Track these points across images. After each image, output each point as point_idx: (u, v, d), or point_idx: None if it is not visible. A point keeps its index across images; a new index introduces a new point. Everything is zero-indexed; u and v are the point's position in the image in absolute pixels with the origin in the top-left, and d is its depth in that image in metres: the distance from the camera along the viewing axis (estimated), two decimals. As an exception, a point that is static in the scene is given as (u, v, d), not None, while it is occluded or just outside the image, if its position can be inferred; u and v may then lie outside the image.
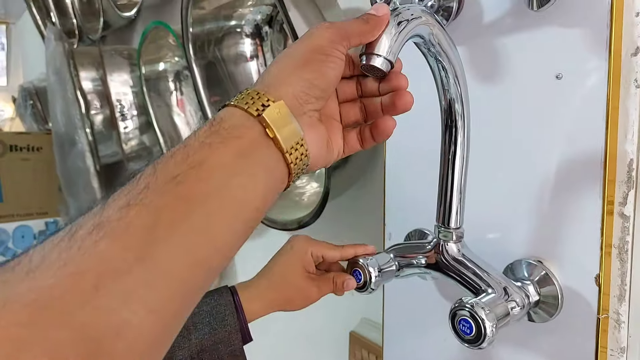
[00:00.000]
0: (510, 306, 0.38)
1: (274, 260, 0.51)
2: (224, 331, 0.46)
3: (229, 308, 0.47)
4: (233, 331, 0.47)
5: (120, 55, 1.21)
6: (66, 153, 1.51)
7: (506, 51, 0.46)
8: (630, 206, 0.39)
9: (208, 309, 0.47)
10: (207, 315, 0.47)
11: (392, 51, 0.29)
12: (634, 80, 0.39)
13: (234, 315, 0.47)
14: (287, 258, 0.50)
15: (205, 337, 0.46)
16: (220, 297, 0.48)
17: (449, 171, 0.39)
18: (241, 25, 0.81)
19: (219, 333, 0.46)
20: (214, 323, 0.46)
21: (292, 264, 0.49)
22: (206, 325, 0.46)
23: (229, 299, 0.48)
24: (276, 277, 0.49)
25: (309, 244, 0.50)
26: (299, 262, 0.49)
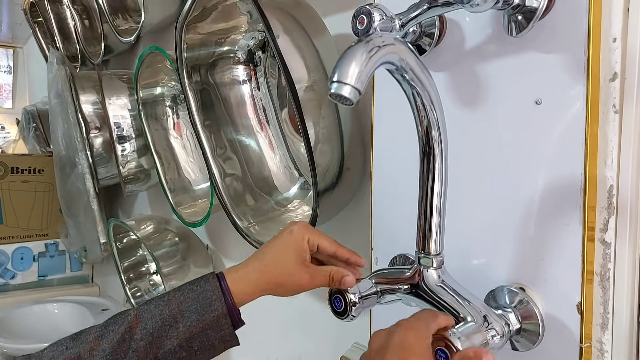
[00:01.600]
0: (489, 335, 0.37)
1: (269, 243, 0.50)
2: (212, 316, 0.45)
3: (215, 293, 0.46)
4: (221, 316, 0.45)
5: (119, 79, 1.23)
6: (67, 175, 1.52)
7: (487, 76, 0.47)
8: (612, 232, 0.39)
9: (194, 295, 0.46)
10: (193, 302, 0.46)
11: (360, 79, 0.29)
12: (612, 106, 0.39)
13: (221, 299, 0.45)
14: (283, 242, 0.48)
15: (193, 324, 0.45)
16: (207, 283, 0.47)
17: (427, 198, 0.38)
18: (234, 50, 0.82)
19: (206, 319, 0.45)
20: (201, 309, 0.45)
21: (286, 247, 0.48)
22: (193, 312, 0.45)
23: (216, 284, 0.46)
24: (268, 259, 0.48)
25: (308, 231, 0.49)
26: (293, 246, 0.48)
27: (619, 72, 0.38)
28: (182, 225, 1.07)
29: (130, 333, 0.45)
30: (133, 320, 0.45)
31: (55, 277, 1.96)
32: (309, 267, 0.48)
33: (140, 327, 0.45)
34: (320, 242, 0.48)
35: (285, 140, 0.84)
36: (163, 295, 0.47)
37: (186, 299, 0.46)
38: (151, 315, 0.45)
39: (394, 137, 0.56)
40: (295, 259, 0.47)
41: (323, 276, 0.47)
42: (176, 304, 0.46)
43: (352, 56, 0.30)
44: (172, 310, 0.45)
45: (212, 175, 0.82)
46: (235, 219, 0.80)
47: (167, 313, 0.45)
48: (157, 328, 0.45)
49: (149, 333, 0.44)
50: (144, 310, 0.46)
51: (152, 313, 0.46)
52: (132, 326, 0.45)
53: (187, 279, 1.05)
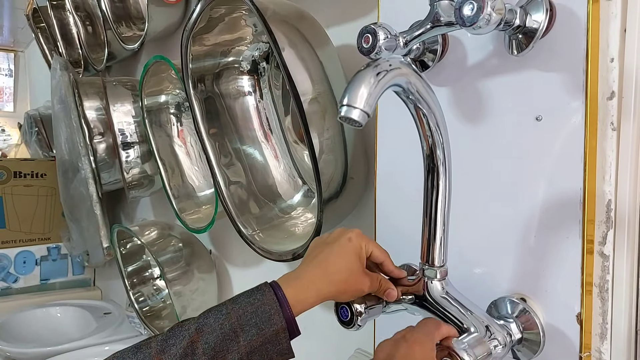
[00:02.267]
0: (492, 345, 0.39)
1: (328, 251, 0.49)
2: (271, 330, 0.45)
3: (273, 306, 0.46)
4: (280, 330, 0.45)
5: (123, 86, 1.25)
6: (69, 180, 1.53)
7: (489, 92, 0.48)
8: (610, 245, 0.40)
9: (253, 309, 0.46)
10: (252, 316, 0.45)
11: (369, 103, 0.31)
12: (610, 123, 0.41)
13: (279, 313, 0.46)
14: (345, 249, 0.48)
15: (254, 338, 0.45)
16: (263, 296, 0.46)
17: (432, 213, 0.40)
18: (239, 61, 0.83)
19: (266, 333, 0.45)
20: (260, 323, 0.45)
21: (350, 255, 0.48)
22: (253, 327, 0.45)
23: (272, 297, 0.46)
24: (333, 267, 0.48)
25: (364, 238, 0.49)
26: (356, 254, 0.48)
27: (616, 90, 0.40)
28: (185, 231, 1.08)
29: (193, 348, 0.44)
30: (194, 334, 0.45)
31: (57, 280, 1.97)
32: (369, 273, 0.48)
33: (202, 341, 0.45)
34: (374, 250, 0.49)
35: (289, 149, 0.86)
36: (220, 308, 0.47)
37: (245, 312, 0.46)
38: (212, 329, 0.45)
39: (398, 149, 0.58)
40: (359, 266, 0.48)
41: (375, 282, 0.48)
42: (236, 318, 0.46)
43: (361, 80, 0.31)
44: (233, 324, 0.45)
45: (216, 183, 0.83)
46: (239, 227, 0.81)
47: (227, 327, 0.45)
48: (219, 342, 0.45)
49: (211, 347, 0.44)
50: (203, 323, 0.46)
51: (212, 327, 0.45)
52: (194, 340, 0.45)
53: (191, 284, 1.06)
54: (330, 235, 0.51)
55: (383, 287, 0.48)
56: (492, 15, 0.37)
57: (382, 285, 0.48)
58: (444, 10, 0.40)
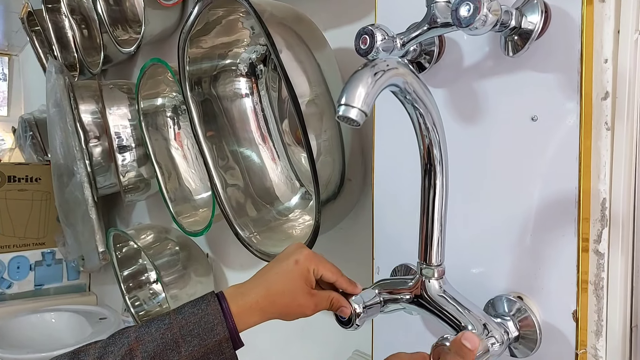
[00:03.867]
0: (490, 342, 0.39)
1: (274, 270, 0.50)
2: (214, 341, 0.45)
3: (217, 317, 0.46)
4: (223, 340, 0.45)
5: (119, 89, 1.24)
6: (65, 184, 1.53)
7: (485, 93, 0.49)
8: (605, 243, 0.41)
9: (196, 319, 0.46)
10: (195, 326, 0.45)
11: (366, 102, 0.31)
12: (604, 123, 0.41)
13: (223, 324, 0.46)
14: (290, 272, 0.49)
15: (195, 348, 0.45)
16: (208, 306, 0.46)
17: (429, 212, 0.40)
18: (236, 63, 0.84)
19: (208, 343, 0.45)
20: (203, 334, 0.45)
21: (294, 279, 0.48)
22: (195, 337, 0.45)
23: (217, 308, 0.46)
24: (276, 288, 0.48)
25: (313, 261, 0.49)
26: (302, 278, 0.48)
27: (610, 91, 0.40)
28: (182, 234, 1.08)
29: (131, 355, 0.44)
30: (134, 342, 0.45)
31: (52, 286, 1.95)
32: (314, 295, 0.49)
33: (141, 349, 0.44)
34: (324, 272, 0.49)
35: (286, 151, 0.86)
36: (163, 317, 0.47)
37: (188, 322, 0.46)
38: (152, 338, 0.45)
39: (395, 149, 0.58)
40: (303, 289, 0.48)
41: (326, 301, 0.49)
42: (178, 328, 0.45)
43: (358, 80, 0.32)
44: (174, 334, 0.45)
45: (214, 186, 0.83)
46: (237, 229, 0.81)
47: (168, 336, 0.45)
48: (159, 351, 0.44)
49: (150, 356, 0.44)
50: (144, 332, 0.45)
51: (153, 336, 0.45)
52: (133, 348, 0.44)
53: (188, 287, 1.06)
54: (282, 252, 0.51)
55: (335, 305, 0.49)
56: (488, 16, 0.38)
57: (334, 304, 0.49)
58: (441, 11, 0.40)
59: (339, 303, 0.48)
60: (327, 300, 0.49)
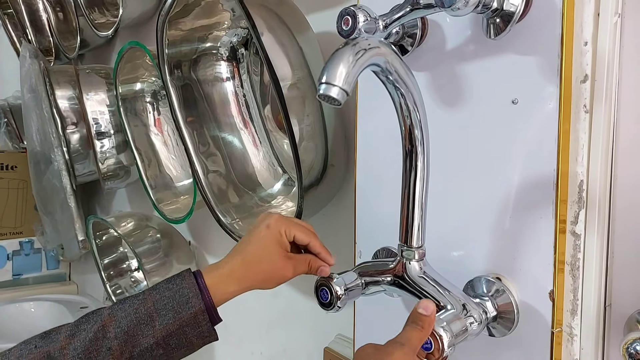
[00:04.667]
0: (468, 322, 0.39)
1: (248, 239, 0.50)
2: (189, 313, 0.45)
3: (192, 290, 0.46)
4: (199, 312, 0.45)
5: (97, 74, 1.21)
6: (42, 172, 1.49)
7: (467, 76, 0.49)
8: (581, 225, 0.42)
9: (170, 294, 0.45)
10: (170, 300, 0.45)
11: (347, 81, 0.31)
12: (583, 106, 0.42)
13: (198, 296, 0.45)
14: (264, 237, 0.48)
15: (170, 321, 0.44)
16: (183, 281, 0.46)
17: (410, 194, 0.40)
18: (217, 47, 0.82)
19: (183, 316, 0.45)
20: (178, 307, 0.45)
21: (269, 243, 0.48)
22: (170, 310, 0.45)
23: (192, 281, 0.46)
24: (251, 256, 0.48)
25: (284, 223, 0.49)
26: (275, 241, 0.48)
27: (589, 74, 0.41)
28: (163, 222, 1.07)
29: (104, 331, 0.44)
30: (106, 319, 0.44)
31: (30, 275, 1.92)
32: (291, 257, 0.49)
33: (114, 325, 0.44)
34: (296, 233, 0.49)
35: (269, 137, 0.85)
36: (138, 295, 0.47)
37: (162, 297, 0.45)
38: (126, 313, 0.45)
39: (377, 134, 0.58)
40: (279, 253, 0.48)
41: (303, 264, 0.49)
42: (152, 303, 0.45)
43: (339, 58, 0.31)
44: (148, 309, 0.45)
45: (195, 172, 0.82)
46: (219, 215, 0.80)
47: (142, 311, 0.45)
48: (132, 326, 0.44)
49: (123, 331, 0.44)
50: (117, 309, 0.45)
51: (126, 312, 0.45)
52: (106, 324, 0.44)
53: (170, 275, 1.05)
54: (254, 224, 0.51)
55: (313, 267, 0.48)
56: (469, -3, 0.37)
57: (312, 266, 0.48)
58: (423, -8, 0.40)
59: (317, 263, 0.48)
60: (305, 262, 0.48)
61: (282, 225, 0.49)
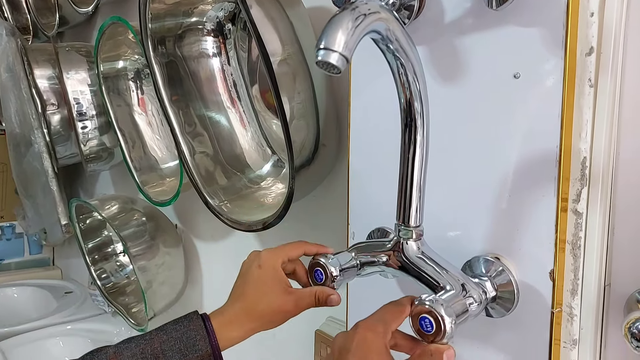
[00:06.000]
0: (468, 302, 0.38)
1: (244, 282, 0.49)
2: (196, 356, 0.45)
3: (199, 333, 0.46)
4: (205, 356, 0.45)
5: (77, 52, 1.17)
6: (22, 154, 1.45)
7: (466, 50, 0.47)
8: (584, 203, 0.41)
9: (178, 335, 0.45)
10: (177, 342, 0.45)
11: (348, 47, 0.29)
12: (587, 80, 0.40)
13: (205, 340, 0.45)
14: (257, 279, 0.48)
15: None
16: (190, 323, 0.46)
17: (408, 170, 0.39)
18: (202, 22, 0.79)
19: (190, 359, 0.45)
20: (185, 349, 0.45)
21: (264, 283, 0.47)
22: (176, 352, 0.45)
23: (200, 324, 0.46)
24: (249, 301, 0.47)
25: (273, 257, 0.48)
26: (271, 280, 0.47)
27: (595, 46, 0.39)
28: (149, 205, 1.04)
29: None
30: (112, 357, 0.44)
31: (13, 260, 1.88)
32: (293, 292, 0.47)
33: None
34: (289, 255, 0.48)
35: (257, 117, 0.83)
36: (144, 334, 0.47)
37: (169, 338, 0.45)
38: (132, 353, 0.44)
39: (372, 112, 0.56)
40: (277, 291, 0.47)
41: (309, 298, 0.47)
42: (159, 343, 0.45)
43: (339, 23, 0.29)
44: (154, 349, 0.44)
45: (181, 153, 0.80)
46: (206, 197, 0.78)
47: (148, 352, 0.44)
48: None
49: None
50: (123, 347, 0.45)
51: (132, 351, 0.45)
52: None
53: (157, 258, 1.02)
54: (242, 268, 0.50)
55: (322, 298, 0.46)
56: (473, -38, 0.35)
57: (320, 297, 0.46)
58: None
59: (325, 293, 0.46)
60: (310, 295, 0.47)
61: (274, 259, 0.48)
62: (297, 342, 0.83)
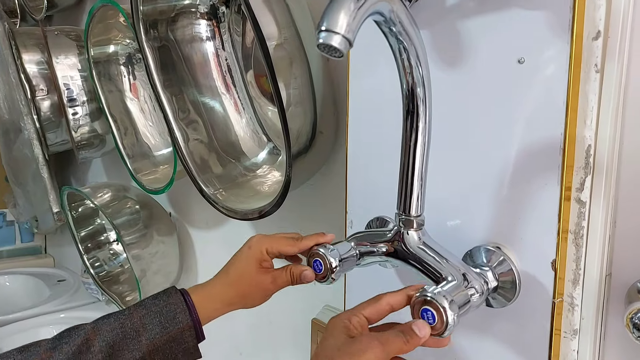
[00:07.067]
0: (469, 293, 0.38)
1: (231, 261, 0.51)
2: (176, 329, 0.46)
3: (179, 306, 0.47)
4: (186, 328, 0.46)
5: (66, 36, 1.14)
6: (11, 141, 1.42)
7: (469, 35, 0.45)
8: (587, 192, 0.40)
9: (157, 309, 0.46)
10: (157, 315, 0.46)
11: (350, 29, 0.27)
12: (594, 65, 0.39)
13: (185, 312, 0.46)
14: (244, 257, 0.49)
15: (157, 336, 0.45)
16: (170, 297, 0.47)
17: (410, 158, 0.38)
18: (195, 4, 0.76)
19: (170, 331, 0.45)
20: (165, 322, 0.46)
21: (247, 261, 0.49)
22: (157, 325, 0.45)
23: (179, 298, 0.47)
24: (232, 275, 0.49)
25: (265, 241, 0.49)
26: (253, 258, 0.49)
27: (602, 30, 0.38)
28: (142, 193, 1.03)
29: (87, 345, 0.44)
30: (90, 332, 0.44)
31: (4, 249, 1.86)
32: (270, 271, 0.49)
33: (98, 338, 0.44)
34: (281, 249, 0.49)
35: (252, 103, 0.81)
36: (123, 310, 0.47)
37: (149, 312, 0.46)
38: (111, 327, 0.45)
39: (371, 97, 0.55)
40: (256, 268, 0.49)
41: (284, 277, 0.48)
42: (138, 317, 0.46)
43: (340, 4, 0.28)
44: (134, 323, 0.45)
45: (175, 140, 0.78)
46: (201, 185, 0.77)
47: (128, 325, 0.45)
48: (118, 340, 0.44)
49: (108, 345, 0.44)
50: (102, 323, 0.46)
51: (111, 325, 0.45)
52: (90, 338, 0.44)
53: (150, 247, 1.01)
54: None
55: (295, 274, 0.48)
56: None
57: (294, 273, 0.48)
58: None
59: (298, 269, 0.48)
60: (286, 272, 0.48)
61: (264, 243, 0.49)
62: (293, 330, 0.83)
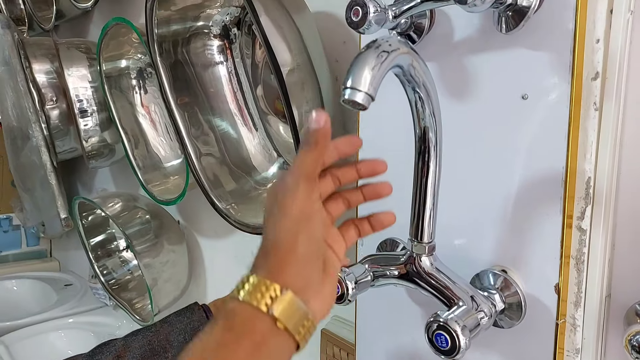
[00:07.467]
0: (479, 317, 0.40)
1: None
2: None
3: (202, 323, 0.49)
4: None
5: (77, 49, 1.16)
6: (19, 148, 1.44)
7: (475, 70, 0.48)
8: (587, 220, 0.43)
9: (182, 326, 0.49)
10: (181, 333, 0.48)
11: (373, 85, 0.30)
12: (593, 103, 0.42)
13: None
14: None
15: None
16: (193, 314, 0.50)
17: (421, 193, 0.40)
18: (209, 26, 0.79)
19: None
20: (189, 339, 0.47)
21: None
22: (182, 342, 0.48)
23: (202, 315, 0.49)
24: None
25: None
26: None
27: (600, 71, 0.41)
28: (152, 202, 1.05)
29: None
30: (121, 349, 0.47)
31: (10, 252, 1.88)
32: None
33: (129, 355, 0.46)
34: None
35: (262, 120, 0.84)
36: (149, 327, 0.50)
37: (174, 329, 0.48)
38: (140, 344, 0.47)
39: (381, 122, 0.57)
40: None
41: None
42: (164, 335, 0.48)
43: (364, 62, 0.31)
44: (161, 341, 0.48)
45: (187, 155, 0.81)
46: (214, 200, 0.79)
47: (155, 343, 0.47)
48: (147, 357, 0.47)
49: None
50: (131, 340, 0.48)
51: (140, 342, 0.48)
52: (121, 355, 0.46)
53: (161, 256, 1.04)
54: None
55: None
56: (488, -7, 0.37)
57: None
58: (438, -15, 0.39)
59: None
60: None
61: None
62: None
